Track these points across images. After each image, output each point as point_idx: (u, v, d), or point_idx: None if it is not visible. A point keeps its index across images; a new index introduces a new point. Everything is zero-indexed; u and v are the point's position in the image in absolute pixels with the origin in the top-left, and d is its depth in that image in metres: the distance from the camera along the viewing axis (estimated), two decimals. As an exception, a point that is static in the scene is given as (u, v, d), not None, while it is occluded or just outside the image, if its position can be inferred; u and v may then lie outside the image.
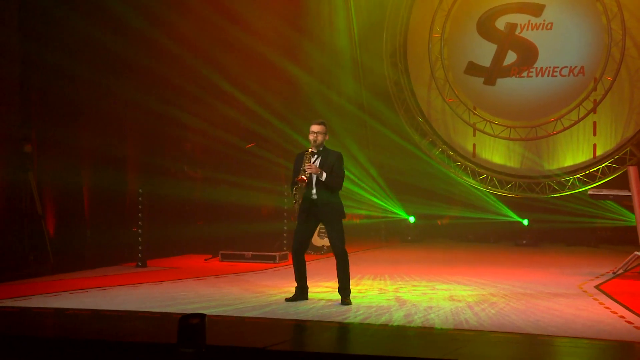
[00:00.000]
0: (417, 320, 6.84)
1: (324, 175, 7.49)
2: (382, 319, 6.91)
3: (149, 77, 12.17)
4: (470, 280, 9.65)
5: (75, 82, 10.96)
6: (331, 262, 8.04)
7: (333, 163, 7.54)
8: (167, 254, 12.05)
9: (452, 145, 15.99)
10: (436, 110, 16.16)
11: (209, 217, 13.24)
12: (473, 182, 15.74)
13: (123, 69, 11.64)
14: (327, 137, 7.61)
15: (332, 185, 7.54)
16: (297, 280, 7.84)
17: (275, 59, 14.02)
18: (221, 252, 11.73)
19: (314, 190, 7.54)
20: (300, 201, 7.53)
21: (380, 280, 9.63)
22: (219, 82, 13.06)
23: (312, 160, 7.53)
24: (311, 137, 7.53)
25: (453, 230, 15.90)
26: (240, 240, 12.37)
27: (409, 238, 15.64)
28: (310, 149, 7.58)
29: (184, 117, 13.03)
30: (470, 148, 15.94)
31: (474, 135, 15.87)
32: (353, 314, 7.15)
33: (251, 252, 11.57)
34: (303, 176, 7.46)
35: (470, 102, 15.73)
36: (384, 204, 15.77)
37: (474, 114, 15.65)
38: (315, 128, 7.56)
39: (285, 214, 12.45)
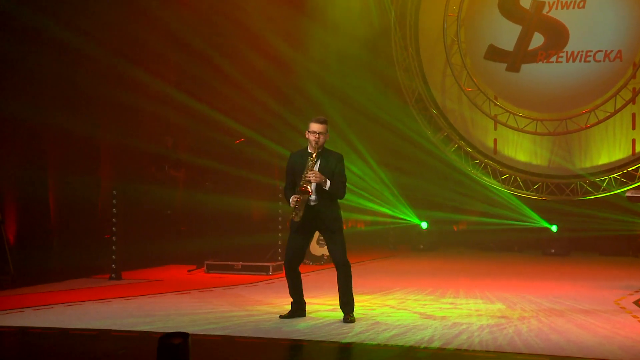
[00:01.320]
0: (430, 341, 6.84)
1: (328, 183, 7.49)
2: (390, 339, 6.91)
3: (121, 69, 12.19)
4: (492, 294, 9.66)
5: (38, 77, 10.98)
6: (332, 274, 8.04)
7: (334, 167, 7.53)
8: (144, 264, 12.08)
9: (470, 141, 16.00)
10: (452, 101, 16.17)
11: (194, 222, 13.29)
12: (494, 182, 15.75)
13: (88, 61, 11.65)
14: (328, 137, 7.59)
15: (337, 194, 7.57)
16: (292, 294, 7.85)
17: (267, 38, 14.04)
18: (207, 262, 11.75)
19: (313, 197, 7.53)
20: (301, 214, 7.51)
21: (388, 294, 9.64)
22: (203, 74, 13.10)
23: (314, 165, 7.49)
24: (312, 138, 7.47)
25: (471, 238, 15.94)
26: (229, 248, 12.41)
27: (421, 246, 15.68)
28: (310, 152, 7.52)
29: (164, 110, 13.03)
30: (490, 144, 15.94)
31: (495, 129, 15.89)
32: (356, 333, 7.15)
33: (241, 263, 11.59)
34: (308, 187, 7.41)
35: (490, 92, 15.74)
36: (392, 208, 15.80)
37: (495, 104, 15.66)
38: (317, 127, 7.48)
39: (280, 219, 12.46)
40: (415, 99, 16.13)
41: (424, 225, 15.87)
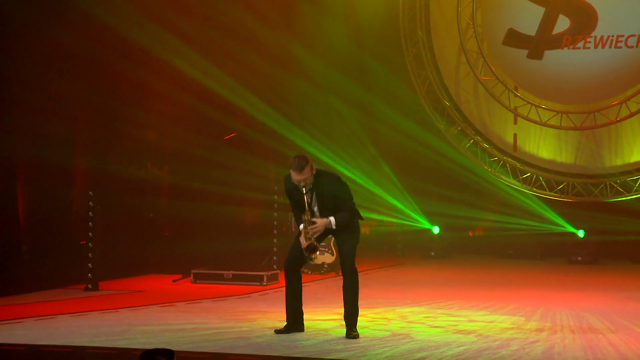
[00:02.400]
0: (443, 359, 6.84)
1: (333, 222, 7.64)
2: (398, 357, 6.90)
3: (96, 54, 12.19)
4: (511, 307, 9.65)
5: (5, 75, 11.02)
6: (334, 284, 8.05)
7: (334, 195, 7.63)
8: (124, 273, 12.08)
9: (488, 136, 16.01)
10: (467, 92, 16.17)
11: (179, 226, 13.29)
12: (514, 182, 15.75)
13: (62, 52, 11.66)
14: (315, 171, 7.62)
15: (346, 223, 7.71)
16: (288, 302, 7.85)
17: (260, 30, 14.06)
18: (194, 271, 11.76)
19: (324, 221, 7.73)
20: (317, 253, 7.74)
21: (396, 307, 9.63)
22: (185, 67, 13.14)
23: (311, 203, 7.60)
24: (297, 183, 7.59)
25: (488, 244, 15.97)
26: (218, 256, 12.40)
27: (432, 253, 15.69)
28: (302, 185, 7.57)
29: (146, 100, 13.03)
30: (510, 139, 15.94)
31: (515, 122, 15.89)
32: (361, 350, 7.13)
33: (232, 272, 11.59)
34: (314, 248, 7.62)
35: (510, 81, 15.74)
36: (400, 210, 15.80)
37: (515, 95, 15.66)
38: (297, 177, 7.52)
39: (275, 223, 12.45)
40: (426, 90, 16.12)
41: (436, 229, 15.88)
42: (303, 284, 7.95)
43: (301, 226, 7.69)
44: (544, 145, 15.79)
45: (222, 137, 13.14)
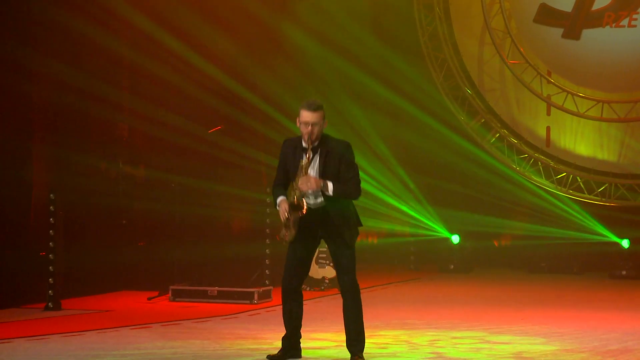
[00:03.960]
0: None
1: (330, 186, 7.39)
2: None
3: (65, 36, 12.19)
4: (544, 329, 9.63)
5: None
6: (336, 303, 8.01)
7: (339, 161, 7.50)
8: (91, 290, 12.03)
9: (516, 129, 16.00)
10: (492, 77, 16.15)
11: (156, 234, 13.28)
12: (547, 183, 15.75)
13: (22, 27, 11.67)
14: (325, 125, 7.53)
15: (347, 196, 7.52)
16: (287, 325, 7.80)
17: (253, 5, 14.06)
18: (172, 287, 11.73)
19: (319, 200, 7.48)
20: (294, 234, 7.45)
21: (408, 329, 9.60)
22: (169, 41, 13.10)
23: (309, 165, 7.41)
24: (303, 130, 7.39)
25: (517, 256, 15.97)
26: (201, 269, 12.37)
27: (451, 267, 15.69)
28: (304, 146, 7.45)
29: (117, 92, 12.98)
30: (542, 133, 15.93)
31: (549, 113, 15.87)
32: (369, 381, 7.13)
33: (217, 288, 11.56)
34: (301, 202, 7.33)
35: (542, 65, 15.71)
36: (415, 216, 15.77)
37: (549, 82, 15.65)
38: (309, 116, 7.38)
39: (267, 230, 12.42)
40: (444, 75, 16.10)
41: (456, 239, 15.87)
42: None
43: (279, 199, 7.46)
44: (582, 140, 15.78)
45: (209, 125, 13.11)
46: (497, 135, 16.06)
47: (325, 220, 7.50)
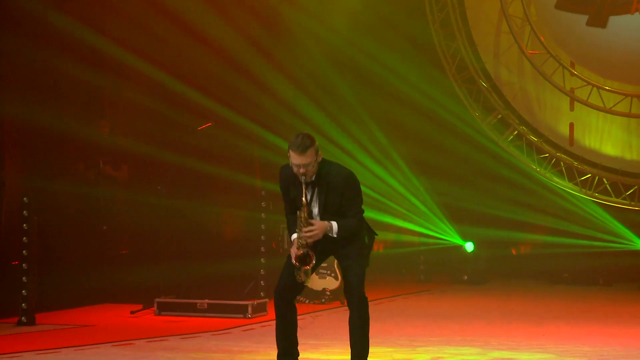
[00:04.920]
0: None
1: (335, 228, 7.51)
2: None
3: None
4: (566, 347, 9.60)
5: None
6: (338, 317, 8.01)
7: (341, 196, 7.54)
8: (69, 303, 12.02)
9: (536, 126, 16.00)
10: (509, 69, 16.14)
11: (140, 242, 13.26)
12: (570, 185, 15.74)
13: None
14: (320, 158, 7.57)
15: (350, 233, 7.60)
16: (280, 341, 7.79)
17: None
18: (158, 299, 11.71)
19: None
20: (308, 279, 7.57)
21: (418, 347, 9.58)
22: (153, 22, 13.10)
23: (309, 205, 7.49)
24: (296, 171, 7.47)
25: (537, 265, 15.94)
26: (190, 280, 12.36)
27: (465, 277, 15.70)
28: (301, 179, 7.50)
29: (97, 78, 12.99)
30: (565, 130, 15.92)
31: (572, 109, 15.86)
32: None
33: (207, 301, 11.55)
34: (308, 255, 7.45)
35: (565, 55, 15.69)
36: (425, 223, 15.77)
37: (572, 74, 15.64)
38: (298, 160, 7.41)
39: (263, 237, 12.41)
40: (457, 67, 16.10)
41: (470, 247, 15.86)
42: (299, 317, 7.88)
43: (294, 236, 7.62)
44: (609, 139, 15.77)
45: (197, 125, 13.13)
46: (515, 132, 16.05)
47: (335, 244, 7.61)
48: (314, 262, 7.50)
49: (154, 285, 12.20)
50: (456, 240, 15.89)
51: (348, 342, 7.66)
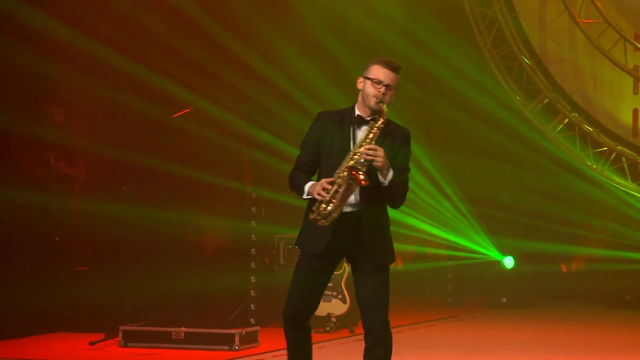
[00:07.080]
0: None
1: (390, 174, 7.35)
2: None
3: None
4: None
5: None
6: (347, 349, 7.96)
7: (397, 151, 7.42)
8: (15, 331, 12.08)
9: (592, 113, 16.03)
10: (558, 44, 16.18)
11: (100, 256, 13.30)
12: (633, 187, 15.77)
13: None
14: (393, 96, 7.54)
15: (395, 197, 7.45)
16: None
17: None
18: (123, 327, 11.69)
19: (352, 198, 7.36)
20: (336, 215, 7.15)
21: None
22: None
23: (372, 140, 7.29)
24: (373, 91, 7.40)
25: (592, 285, 15.98)
26: (163, 303, 12.42)
27: (504, 300, 15.72)
28: (370, 119, 7.39)
29: (52, 66, 13.06)
30: (628, 118, 15.98)
31: (636, 92, 15.88)
32: None
33: (184, 329, 11.52)
34: (359, 173, 7.14)
35: (628, 26, 15.70)
36: (454, 233, 15.89)
37: (636, 48, 15.68)
38: (386, 76, 7.42)
39: (253, 250, 12.45)
40: (494, 40, 16.13)
41: (509, 262, 15.86)
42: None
43: (307, 185, 7.27)
44: (683, 129, 15.82)
45: (171, 112, 13.15)
46: (566, 120, 16.07)
47: (357, 237, 7.41)
48: (363, 184, 7.13)
49: (118, 309, 12.23)
50: (493, 254, 15.89)
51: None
